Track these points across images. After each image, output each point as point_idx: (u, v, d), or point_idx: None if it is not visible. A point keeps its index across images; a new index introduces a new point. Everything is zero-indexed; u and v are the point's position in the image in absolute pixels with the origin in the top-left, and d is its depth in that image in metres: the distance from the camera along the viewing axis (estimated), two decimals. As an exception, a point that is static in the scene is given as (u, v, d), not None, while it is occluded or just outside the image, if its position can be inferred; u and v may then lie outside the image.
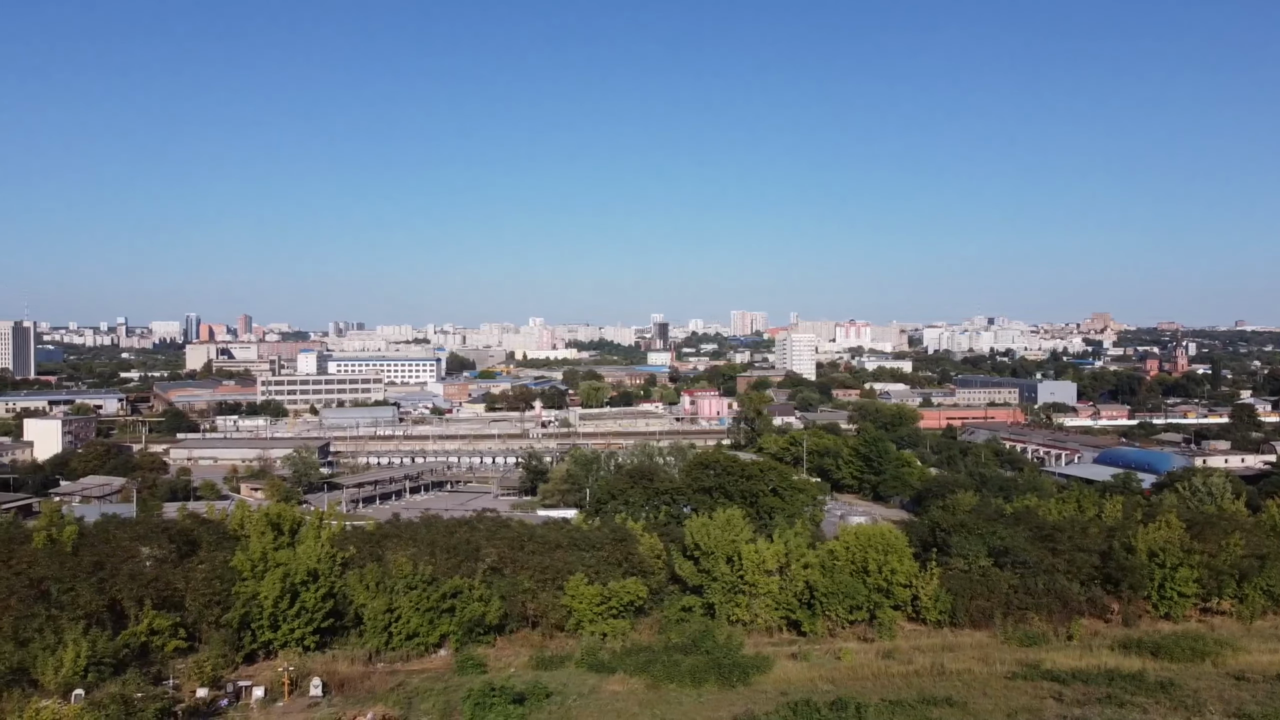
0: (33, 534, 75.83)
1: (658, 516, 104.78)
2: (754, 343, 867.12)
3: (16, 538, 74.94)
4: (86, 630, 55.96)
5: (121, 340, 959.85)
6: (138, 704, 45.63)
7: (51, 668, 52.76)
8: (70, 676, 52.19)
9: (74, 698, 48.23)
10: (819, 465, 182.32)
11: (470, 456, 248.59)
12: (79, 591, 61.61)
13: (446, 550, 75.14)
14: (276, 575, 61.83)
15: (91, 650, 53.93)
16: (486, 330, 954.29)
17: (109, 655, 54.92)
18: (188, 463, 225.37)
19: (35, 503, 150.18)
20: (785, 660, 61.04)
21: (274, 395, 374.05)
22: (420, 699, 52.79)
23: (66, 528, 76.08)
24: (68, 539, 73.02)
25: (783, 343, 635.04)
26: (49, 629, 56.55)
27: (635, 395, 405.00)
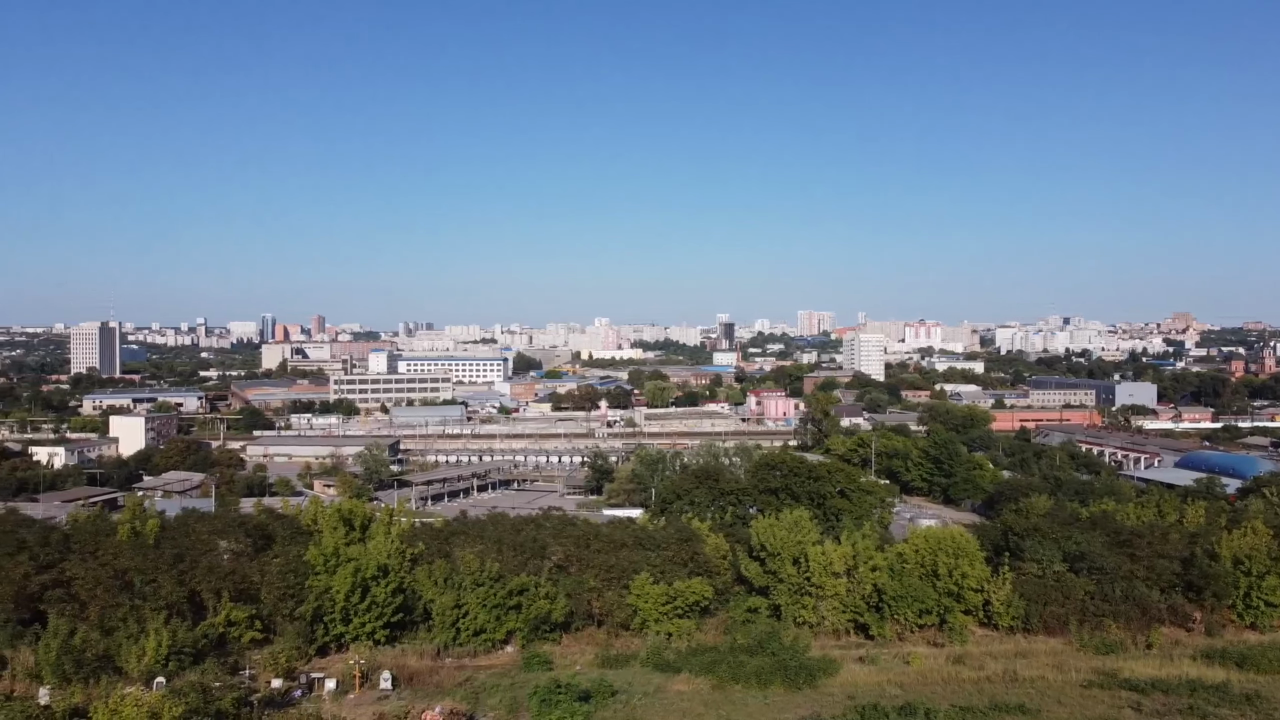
0: (118, 527, 78.41)
1: (723, 517, 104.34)
2: (821, 343, 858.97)
3: (103, 530, 77.55)
4: (167, 620, 57.79)
5: (201, 340, 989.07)
6: (216, 693, 46.90)
7: (135, 656, 54.57)
8: (152, 665, 53.92)
9: (156, 685, 49.81)
10: (887, 467, 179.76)
11: (536, 455, 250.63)
12: (160, 583, 63.57)
13: (513, 548, 75.83)
14: (348, 570, 63.08)
15: (172, 640, 55.65)
16: (552, 330, 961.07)
17: (189, 645, 56.60)
18: (263, 459, 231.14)
19: (120, 497, 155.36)
20: (852, 664, 60.35)
21: (346, 394, 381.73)
22: (487, 694, 53.36)
23: (149, 521, 78.50)
24: (150, 532, 75.39)
25: (850, 343, 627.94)
26: (132, 618, 58.49)
27: (700, 395, 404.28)
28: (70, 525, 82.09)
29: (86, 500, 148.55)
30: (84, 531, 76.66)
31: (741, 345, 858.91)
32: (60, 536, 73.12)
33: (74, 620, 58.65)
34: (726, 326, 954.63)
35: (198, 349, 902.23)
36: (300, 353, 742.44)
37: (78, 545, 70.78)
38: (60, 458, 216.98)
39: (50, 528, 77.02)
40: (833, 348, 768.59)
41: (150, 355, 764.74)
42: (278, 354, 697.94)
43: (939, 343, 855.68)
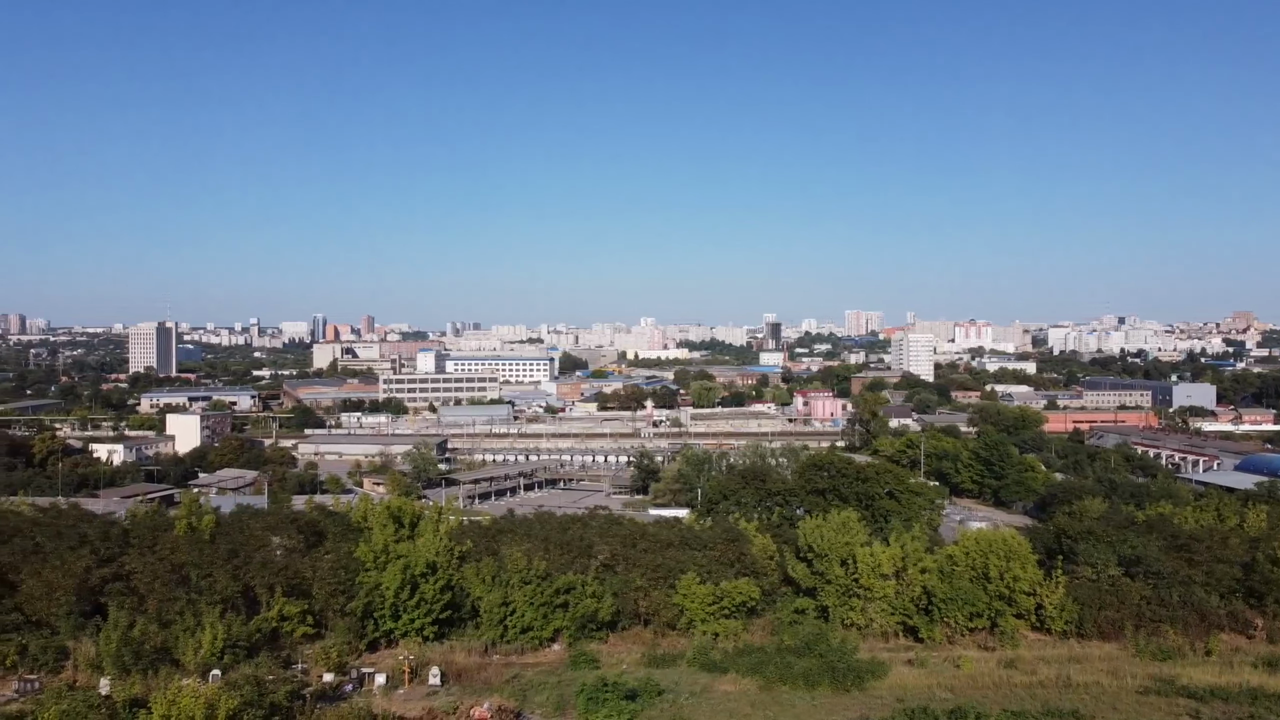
0: (175, 522, 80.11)
1: (770, 518, 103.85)
2: (869, 343, 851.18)
3: (160, 526, 79.31)
4: (223, 614, 58.93)
5: (254, 340, 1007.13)
6: (270, 686, 47.68)
7: (191, 649, 55.75)
8: (208, 658, 55.05)
9: (211, 678, 50.84)
10: (937, 469, 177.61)
11: (582, 455, 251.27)
12: (216, 577, 64.83)
13: (560, 546, 76.18)
14: (397, 567, 63.84)
15: (227, 633, 56.76)
16: (598, 330, 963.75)
17: (243, 639, 57.68)
18: (314, 457, 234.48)
19: (176, 493, 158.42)
20: (901, 666, 59.77)
21: (395, 393, 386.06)
22: (535, 691, 53.66)
23: (205, 517, 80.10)
24: (206, 528, 76.93)
25: (899, 343, 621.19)
26: (189, 612, 59.75)
27: (747, 395, 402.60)
28: (129, 521, 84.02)
29: (144, 496, 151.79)
30: (142, 527, 78.45)
31: (788, 345, 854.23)
32: (120, 531, 74.87)
33: (133, 613, 60.09)
34: (773, 326, 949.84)
35: (251, 349, 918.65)
36: (350, 352, 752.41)
37: (136, 540, 72.41)
38: (119, 455, 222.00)
39: (110, 523, 78.86)
40: (881, 348, 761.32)
41: (205, 355, 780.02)
42: (328, 354, 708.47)
43: (990, 343, 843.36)
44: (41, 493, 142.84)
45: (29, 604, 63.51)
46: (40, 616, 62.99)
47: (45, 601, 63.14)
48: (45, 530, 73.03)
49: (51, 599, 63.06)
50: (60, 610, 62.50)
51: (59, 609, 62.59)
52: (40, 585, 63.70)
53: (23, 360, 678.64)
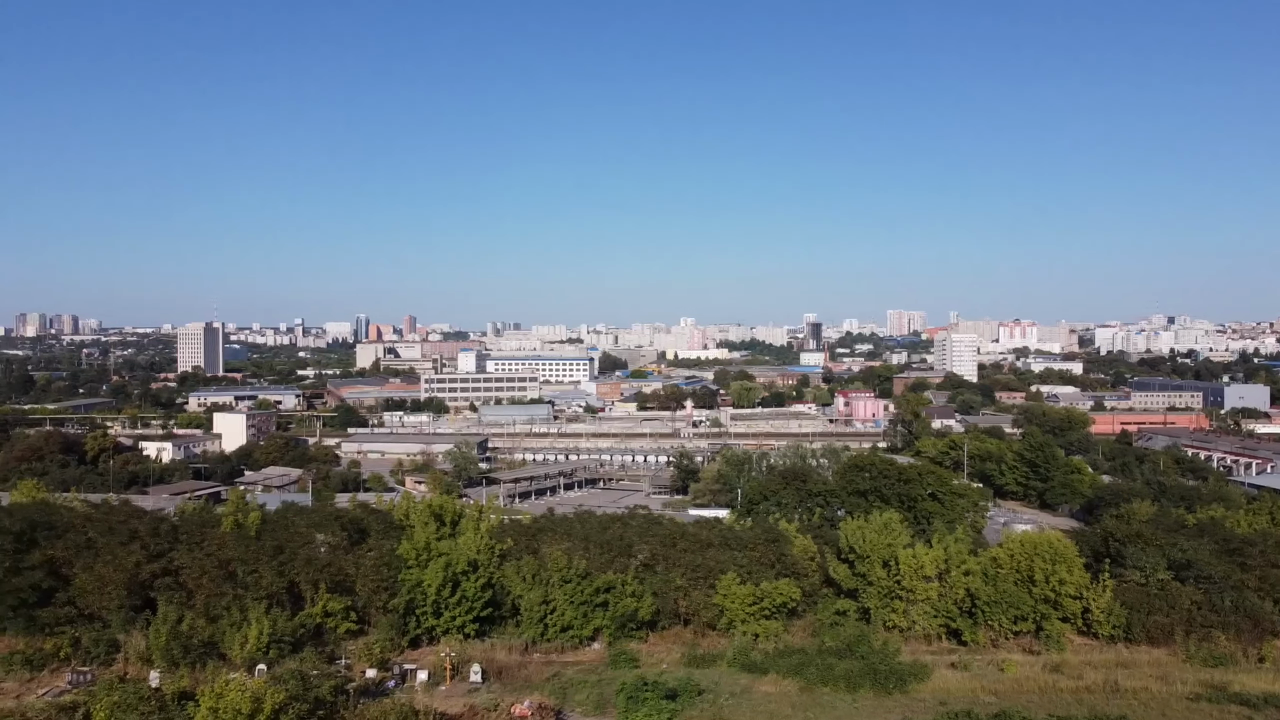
0: (222, 519, 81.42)
1: (811, 518, 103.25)
2: (911, 343, 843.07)
3: (208, 522, 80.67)
4: (268, 609, 59.80)
5: (299, 340, 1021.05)
6: (314, 681, 48.26)
7: (238, 643, 56.66)
8: (254, 652, 55.90)
9: (257, 672, 51.62)
10: (981, 470, 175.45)
11: (622, 454, 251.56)
12: (261, 573, 65.80)
13: (600, 546, 76.30)
14: (439, 564, 64.36)
15: (273, 628, 57.59)
16: (638, 330, 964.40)
17: (288, 634, 58.49)
18: (357, 456, 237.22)
19: (223, 490, 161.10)
20: (945, 669, 59.14)
21: (436, 393, 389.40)
22: (575, 690, 53.81)
23: (251, 514, 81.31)
24: (252, 524, 78.10)
25: (942, 343, 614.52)
26: (236, 607, 60.74)
27: (787, 396, 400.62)
28: (178, 517, 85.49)
29: (192, 493, 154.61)
30: (191, 523, 79.82)
31: (829, 345, 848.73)
32: (169, 527, 76.17)
33: (181, 607, 61.22)
34: (814, 326, 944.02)
35: (295, 348, 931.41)
36: (392, 352, 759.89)
37: (185, 536, 73.67)
38: (168, 452, 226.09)
39: (160, 519, 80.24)
40: (923, 348, 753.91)
41: (251, 354, 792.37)
42: (371, 353, 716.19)
43: (1035, 343, 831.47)
44: (93, 489, 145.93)
45: (82, 598, 64.93)
46: (92, 610, 64.40)
47: (97, 595, 64.51)
48: (97, 526, 74.51)
49: (103, 593, 64.41)
50: (112, 604, 63.82)
51: (110, 603, 63.92)
52: (92, 580, 65.07)
53: (76, 360, 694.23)
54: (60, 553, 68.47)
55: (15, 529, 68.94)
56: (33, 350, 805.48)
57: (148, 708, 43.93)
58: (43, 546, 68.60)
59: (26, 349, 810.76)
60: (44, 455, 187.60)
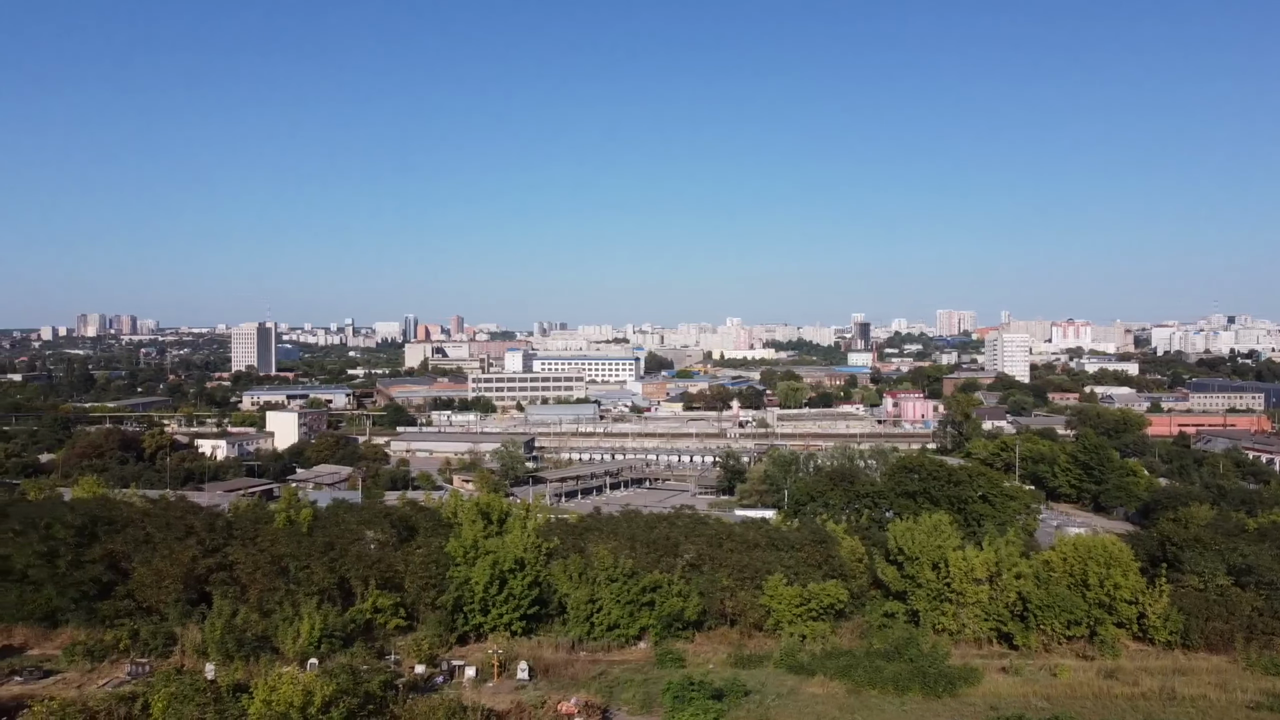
0: (274, 515, 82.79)
1: (859, 520, 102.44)
2: (961, 343, 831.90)
3: (261, 518, 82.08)
4: (319, 605, 60.71)
5: (349, 340, 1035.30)
6: (364, 675, 48.86)
7: (290, 638, 57.60)
8: (306, 646, 56.78)
9: (309, 666, 52.39)
10: (1033, 472, 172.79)
11: (668, 454, 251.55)
12: (313, 569, 66.82)
13: (646, 545, 76.36)
14: (486, 562, 64.86)
15: (324, 623, 58.46)
16: (684, 330, 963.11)
17: (338, 629, 59.33)
18: (406, 454, 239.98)
19: (276, 487, 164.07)
20: (995, 674, 58.28)
21: (483, 392, 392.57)
22: (621, 689, 53.89)
23: (303, 511, 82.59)
24: (304, 521, 79.36)
25: (993, 343, 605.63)
26: (288, 602, 61.75)
27: (834, 396, 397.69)
28: (232, 513, 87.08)
29: (246, 490, 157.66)
30: (244, 519, 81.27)
31: (877, 345, 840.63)
32: (224, 523, 77.62)
33: (236, 602, 62.40)
34: (862, 326, 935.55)
35: (346, 348, 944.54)
36: (440, 352, 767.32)
37: (239, 532, 75.03)
38: (222, 450, 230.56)
39: (215, 515, 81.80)
40: (974, 348, 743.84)
41: (303, 354, 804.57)
42: (419, 353, 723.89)
43: (1089, 343, 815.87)
44: (151, 486, 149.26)
45: (140, 591, 66.44)
46: (150, 603, 65.87)
47: (155, 589, 65.96)
48: (155, 521, 76.15)
49: (161, 587, 65.85)
50: (169, 597, 65.23)
51: (167, 596, 65.33)
52: (150, 574, 66.54)
53: (134, 359, 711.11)
54: (120, 547, 70.13)
55: (77, 524, 70.73)
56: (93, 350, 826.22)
57: (203, 699, 44.80)
58: (103, 541, 70.30)
59: (87, 348, 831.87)
60: (104, 452, 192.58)
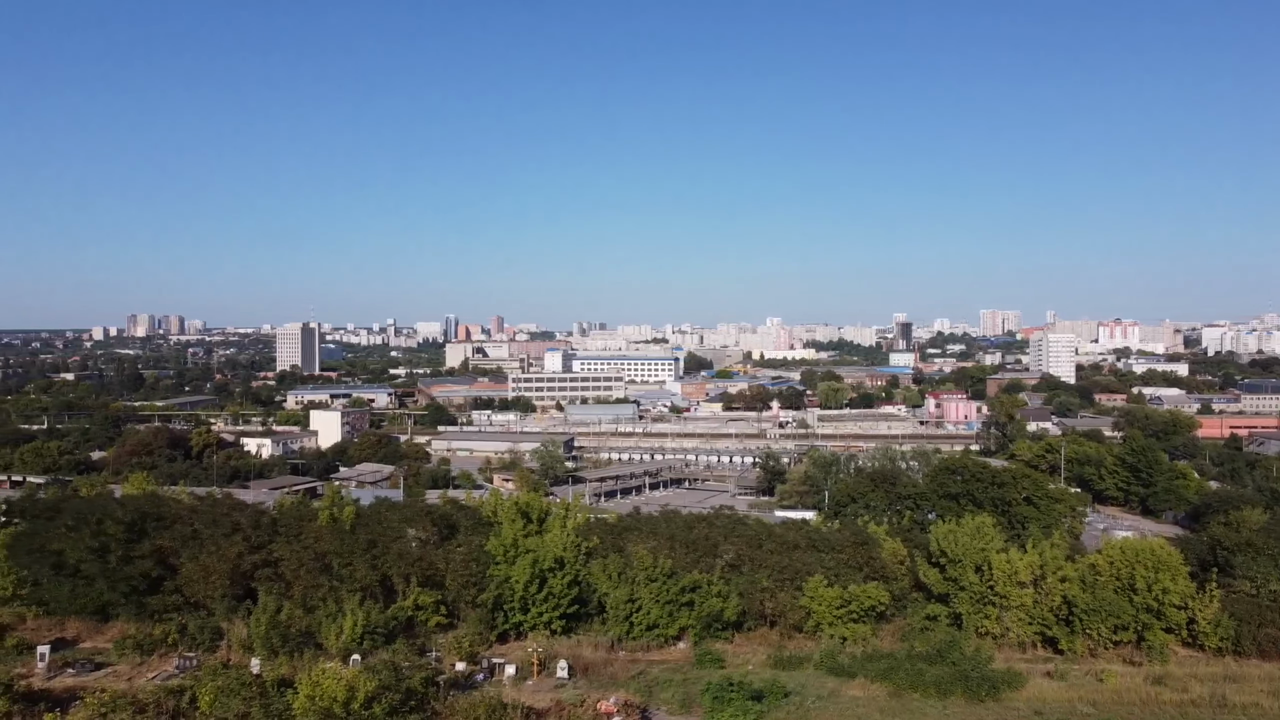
0: (318, 513, 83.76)
1: (900, 521, 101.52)
2: (1005, 343, 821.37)
3: (305, 516, 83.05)
4: (362, 601, 61.44)
5: (391, 340, 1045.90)
6: (406, 672, 49.37)
7: (333, 634, 58.33)
8: (349, 642, 57.47)
9: (352, 662, 53.02)
10: (1079, 474, 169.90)
11: (707, 455, 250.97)
12: (356, 566, 67.57)
13: (685, 545, 76.22)
14: (526, 561, 65.18)
15: (366, 620, 59.13)
16: (724, 330, 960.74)
17: (381, 626, 59.97)
18: (447, 453, 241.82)
19: (319, 485, 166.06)
20: (1039, 678, 57.45)
21: (523, 392, 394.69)
22: (660, 688, 53.87)
23: (346, 509, 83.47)
24: (347, 519, 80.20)
25: (1038, 343, 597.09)
26: (331, 599, 62.54)
27: (876, 397, 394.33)
28: (277, 511, 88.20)
29: (290, 488, 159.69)
30: (289, 517, 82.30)
31: (919, 346, 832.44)
32: (269, 520, 78.70)
33: (280, 598, 63.32)
34: (903, 326, 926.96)
35: (388, 348, 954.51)
36: (481, 352, 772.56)
37: (284, 529, 76.02)
38: (267, 448, 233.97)
39: (260, 512, 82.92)
40: (1018, 349, 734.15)
41: (345, 354, 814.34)
42: (460, 353, 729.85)
43: (1137, 343, 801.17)
44: (198, 483, 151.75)
45: (188, 586, 67.66)
46: (198, 598, 67.06)
47: (202, 584, 67.12)
48: (202, 518, 77.42)
49: (208, 582, 66.99)
50: (215, 593, 66.35)
51: (214, 592, 66.45)
52: (198, 569, 67.72)
53: (182, 359, 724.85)
54: (168, 543, 71.43)
55: (127, 520, 72.11)
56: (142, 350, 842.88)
57: (249, 693, 45.51)
58: (152, 537, 71.63)
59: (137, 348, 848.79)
60: (153, 450, 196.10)
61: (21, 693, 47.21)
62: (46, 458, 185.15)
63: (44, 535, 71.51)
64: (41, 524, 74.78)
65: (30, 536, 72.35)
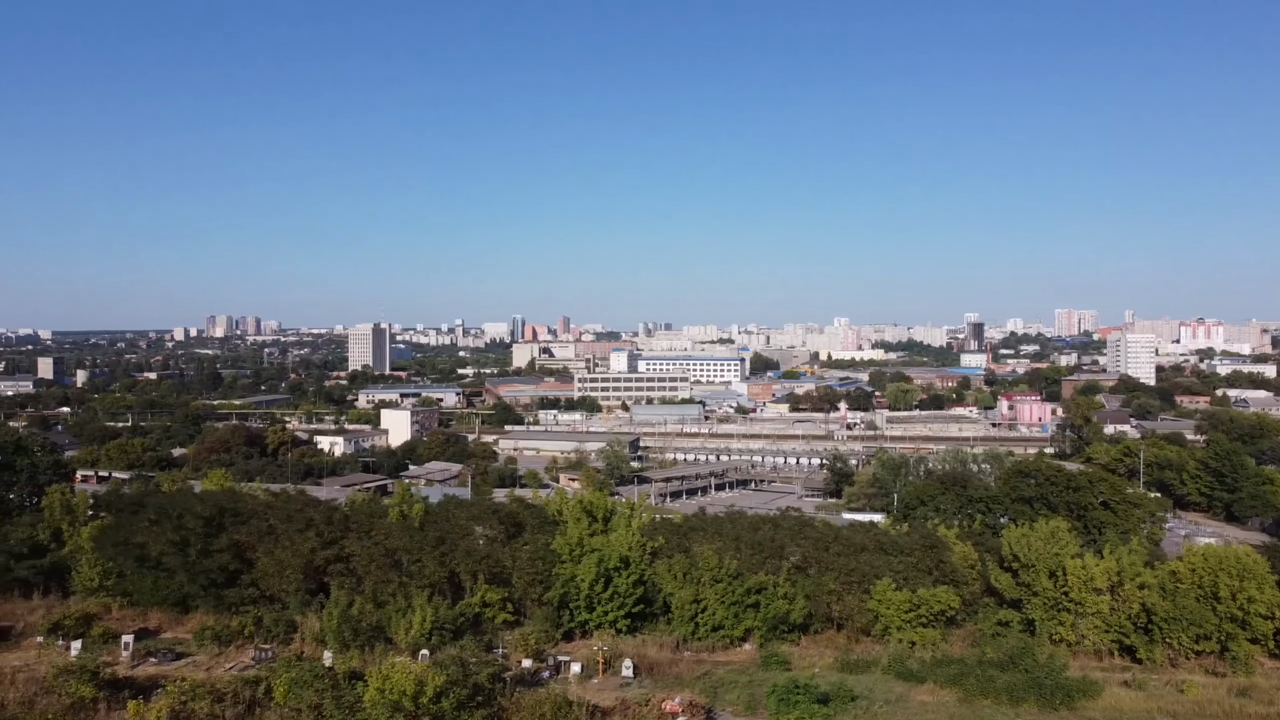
0: (388, 510, 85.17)
1: (971, 525, 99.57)
2: (1081, 344, 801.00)
3: (375, 513, 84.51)
4: (431, 597, 62.31)
5: (459, 340, 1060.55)
6: (473, 668, 49.91)
7: (403, 629, 59.27)
8: (418, 638, 58.34)
9: (421, 656, 53.84)
10: (1158, 479, 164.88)
11: (774, 456, 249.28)
12: (424, 563, 68.59)
13: (751, 546, 75.71)
14: (592, 560, 65.46)
15: (435, 616, 59.95)
16: (790, 330, 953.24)
17: (449, 622, 60.76)
18: (513, 452, 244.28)
19: (389, 483, 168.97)
20: (1116, 687, 55.84)
21: (589, 392, 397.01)
22: (725, 689, 53.66)
23: (415, 506, 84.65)
24: (416, 516, 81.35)
25: (1115, 343, 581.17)
26: (401, 594, 63.58)
27: (946, 398, 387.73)
28: (349, 507, 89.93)
29: (361, 485, 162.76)
30: (360, 513, 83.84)
31: (991, 346, 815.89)
32: (341, 517, 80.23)
33: (352, 593, 64.61)
34: (975, 326, 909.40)
35: (456, 348, 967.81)
36: (547, 352, 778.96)
37: (355, 525, 77.46)
38: (339, 446, 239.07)
39: (332, 509, 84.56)
40: (1095, 349, 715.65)
41: (415, 354, 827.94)
42: (526, 353, 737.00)
43: (1221, 343, 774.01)
44: (273, 480, 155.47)
45: (263, 580, 69.40)
46: (273, 592, 68.74)
47: (277, 578, 68.79)
48: (277, 514, 79.19)
49: (282, 576, 68.62)
50: (289, 587, 67.93)
51: (288, 586, 68.04)
52: (273, 564, 69.41)
53: (258, 359, 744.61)
54: (245, 538, 73.30)
55: (206, 514, 74.20)
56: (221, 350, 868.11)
57: (322, 685, 46.47)
58: (229, 531, 73.58)
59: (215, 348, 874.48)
60: (230, 447, 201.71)
61: (107, 680, 48.84)
62: (131, 454, 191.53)
63: (128, 529, 73.96)
64: (126, 518, 77.29)
65: (115, 530, 74.89)
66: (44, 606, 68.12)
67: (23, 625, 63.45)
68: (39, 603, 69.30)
